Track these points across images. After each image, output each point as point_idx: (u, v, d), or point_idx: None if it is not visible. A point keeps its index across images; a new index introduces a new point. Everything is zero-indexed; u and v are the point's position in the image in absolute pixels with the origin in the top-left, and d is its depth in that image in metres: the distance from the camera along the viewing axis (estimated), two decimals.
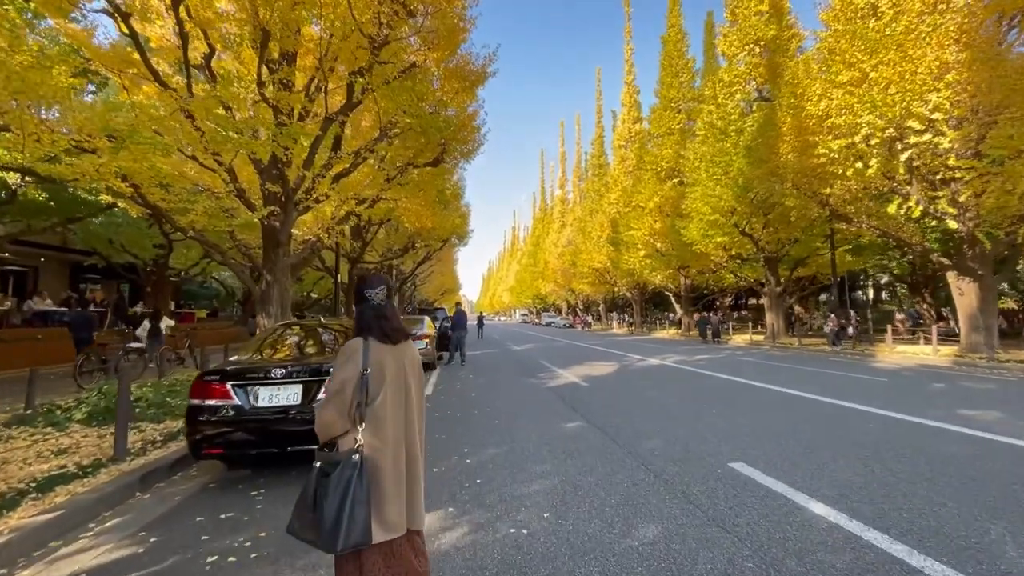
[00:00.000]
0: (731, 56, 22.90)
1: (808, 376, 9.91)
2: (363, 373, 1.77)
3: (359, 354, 1.80)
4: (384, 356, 1.82)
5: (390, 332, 1.86)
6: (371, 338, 1.84)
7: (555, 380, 9.80)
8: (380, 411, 1.78)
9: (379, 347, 1.82)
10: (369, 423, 1.77)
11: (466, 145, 12.05)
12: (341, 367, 1.81)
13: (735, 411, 6.40)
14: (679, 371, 11.07)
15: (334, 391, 1.78)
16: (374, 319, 1.87)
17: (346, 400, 1.77)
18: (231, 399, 3.89)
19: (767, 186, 16.54)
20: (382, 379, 1.79)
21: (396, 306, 1.98)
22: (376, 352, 1.81)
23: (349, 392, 1.76)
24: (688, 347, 19.48)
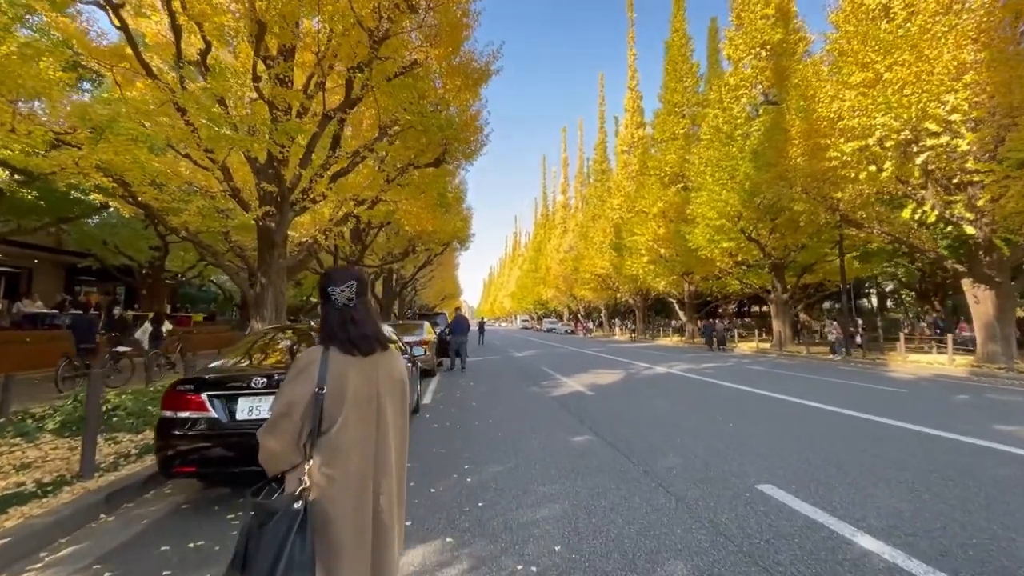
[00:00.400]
0: (737, 60, 22.64)
1: (823, 386, 9.49)
2: (317, 392, 1.39)
3: (314, 367, 1.43)
4: (347, 371, 1.45)
5: (357, 340, 1.48)
6: (333, 348, 1.47)
7: (559, 389, 9.40)
8: (339, 441, 1.40)
9: (342, 359, 1.45)
10: (323, 457, 1.39)
11: (468, 145, 11.71)
12: (290, 383, 1.44)
13: (752, 424, 6.00)
14: (687, 380, 10.66)
15: (279, 414, 1.41)
16: (338, 324, 1.50)
17: (295, 425, 1.40)
18: (206, 411, 3.50)
19: (775, 190, 16.19)
20: (342, 400, 1.42)
21: (370, 307, 1.61)
22: (338, 365, 1.44)
23: (297, 416, 1.39)
24: (694, 354, 19.06)
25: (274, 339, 4.74)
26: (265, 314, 10.15)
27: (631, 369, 13.04)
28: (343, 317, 1.50)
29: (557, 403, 7.74)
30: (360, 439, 1.42)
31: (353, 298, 1.52)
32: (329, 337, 1.48)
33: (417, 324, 12.56)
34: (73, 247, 16.39)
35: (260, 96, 8.51)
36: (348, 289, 1.52)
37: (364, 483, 1.41)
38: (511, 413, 6.95)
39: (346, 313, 1.50)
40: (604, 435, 5.53)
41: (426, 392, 9.02)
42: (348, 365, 1.45)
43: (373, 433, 1.45)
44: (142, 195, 9.38)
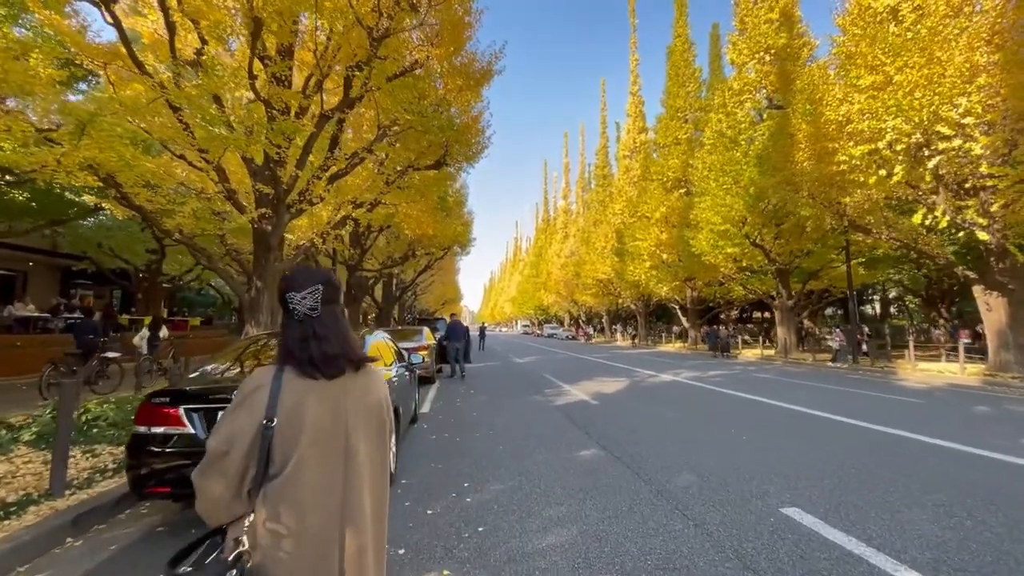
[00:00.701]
0: (740, 64, 22.46)
1: (834, 396, 9.19)
2: (264, 425, 1.10)
3: (262, 394, 1.13)
4: (305, 398, 1.15)
5: (319, 360, 1.17)
6: (289, 369, 1.18)
7: (562, 398, 9.09)
8: (292, 488, 1.10)
9: (299, 384, 1.16)
10: (269, 509, 1.09)
11: (469, 147, 11.46)
12: (230, 413, 1.15)
13: (768, 437, 5.70)
14: (695, 389, 10.35)
15: (216, 452, 1.11)
16: (297, 339, 1.19)
17: (236, 466, 1.11)
18: (183, 427, 3.21)
19: (781, 195, 15.93)
20: (296, 435, 1.12)
21: (341, 317, 1.29)
22: (293, 392, 1.14)
23: (238, 455, 1.10)
24: (698, 361, 18.74)
25: (266, 345, 4.46)
26: (261, 319, 9.88)
27: (635, 377, 12.73)
28: (303, 331, 1.20)
29: (561, 413, 7.43)
30: (321, 486, 1.12)
31: (317, 307, 1.21)
32: (285, 356, 1.19)
33: (416, 330, 12.27)
34: (68, 250, 16.12)
35: (256, 95, 8.29)
36: (311, 296, 1.21)
37: (326, 543, 1.11)
38: (513, 424, 6.65)
39: (308, 326, 1.20)
40: (612, 449, 5.23)
41: (425, 401, 8.73)
42: (307, 391, 1.16)
43: (339, 477, 1.14)
44: (135, 196, 9.17)
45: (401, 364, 5.86)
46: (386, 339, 5.64)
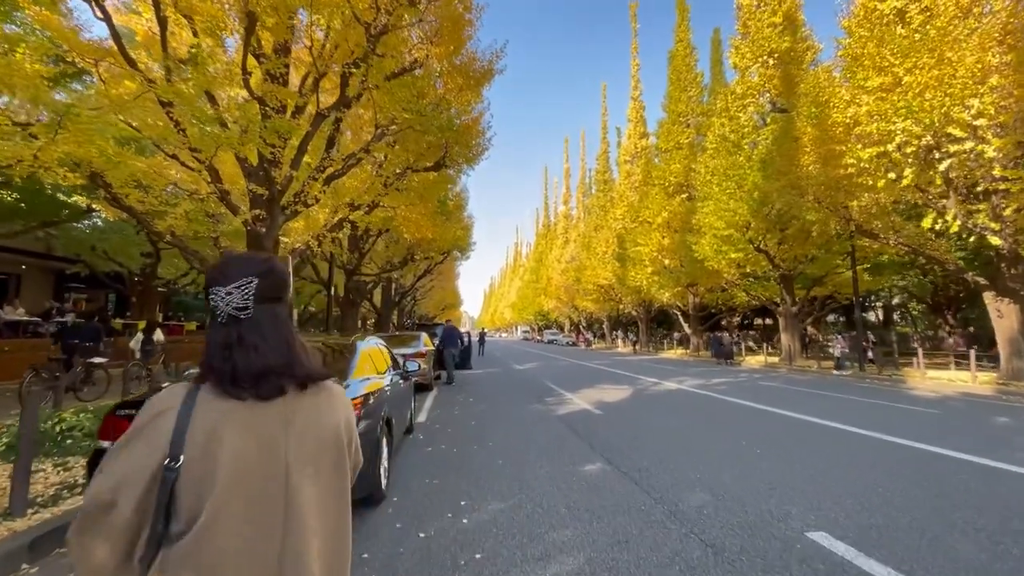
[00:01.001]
0: (743, 68, 22.30)
1: (847, 406, 8.88)
2: (166, 465, 0.80)
3: (165, 421, 0.83)
4: (224, 427, 0.84)
5: (246, 375, 0.87)
6: (207, 388, 0.88)
7: (564, 407, 8.78)
8: (202, 553, 0.79)
9: (218, 407, 0.86)
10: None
11: (470, 149, 11.22)
12: (119, 450, 0.84)
13: (783, 451, 5.39)
14: (701, 398, 10.04)
15: (99, 502, 0.81)
16: (219, 347, 0.89)
17: (125, 522, 0.80)
18: None
19: (786, 199, 15.68)
20: (210, 478, 0.81)
21: (283, 320, 0.96)
22: (209, 418, 0.84)
23: (128, 507, 0.80)
24: (701, 369, 18.41)
25: None
26: None
27: (638, 384, 12.42)
28: (227, 337, 0.89)
29: (563, 423, 7.12)
30: (244, 548, 0.81)
31: (248, 306, 0.90)
32: (204, 370, 0.89)
33: (414, 335, 11.96)
34: (61, 253, 15.85)
35: (250, 92, 8.05)
36: (240, 291, 0.89)
37: None
38: (513, 435, 6.34)
39: (233, 330, 0.89)
40: (618, 463, 4.92)
41: (421, 410, 8.42)
42: (228, 417, 0.85)
43: (273, 535, 0.83)
44: (126, 197, 8.92)
45: (396, 372, 5.56)
46: (380, 346, 5.35)
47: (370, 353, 4.47)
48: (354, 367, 3.76)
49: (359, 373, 3.79)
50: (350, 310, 19.34)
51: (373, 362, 4.38)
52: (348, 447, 0.96)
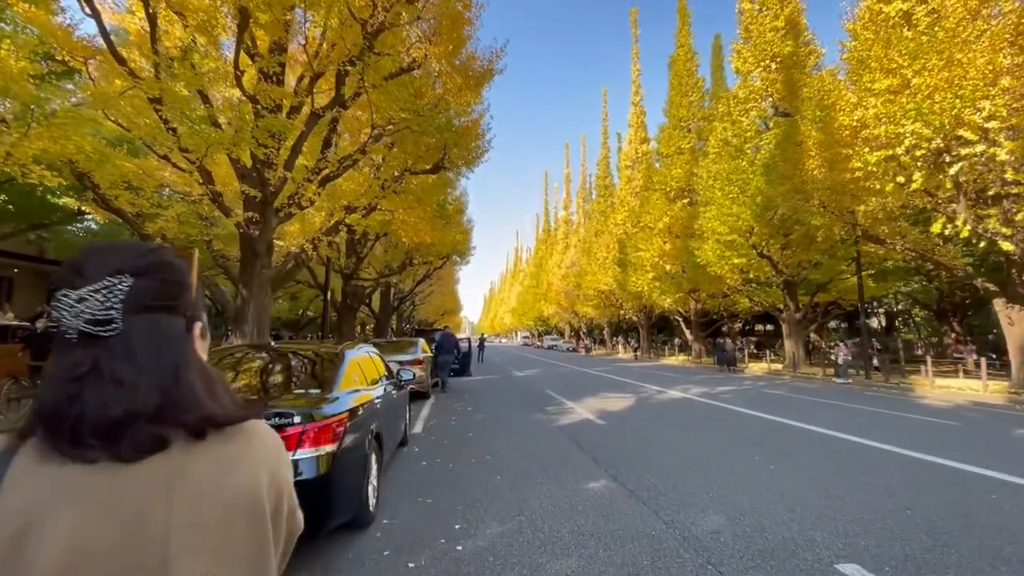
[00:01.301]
0: (745, 73, 22.13)
1: (859, 416, 8.57)
2: None
3: None
4: (52, 511, 0.53)
5: (93, 424, 0.56)
6: (32, 446, 0.57)
7: (565, 416, 8.47)
8: None
9: (46, 477, 0.55)
10: None
11: (469, 151, 10.98)
12: None
13: (798, 467, 5.09)
14: (707, 407, 9.73)
15: None
16: (61, 381, 0.57)
17: None
18: None
19: (790, 204, 15.43)
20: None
21: (183, 335, 0.65)
22: (26, 495, 0.54)
23: None
24: (704, 376, 18.10)
25: (240, 360, 3.89)
26: (246, 329, 9.34)
27: (642, 393, 12.11)
28: (74, 366, 0.58)
29: (565, 435, 6.82)
30: None
31: (114, 317, 0.59)
32: (32, 419, 0.59)
33: (411, 342, 11.66)
34: (54, 256, 15.57)
35: (241, 91, 7.81)
36: (101, 295, 0.58)
37: None
38: (513, 448, 6.04)
39: (85, 355, 0.58)
40: (625, 481, 4.62)
41: (417, 419, 8.11)
42: (61, 495, 0.55)
43: None
44: (115, 199, 8.68)
45: (389, 381, 5.27)
46: (372, 354, 5.06)
47: (360, 362, 4.18)
48: (341, 378, 3.47)
49: (346, 384, 3.50)
50: (348, 315, 19.06)
51: (363, 372, 4.09)
52: (276, 514, 0.66)
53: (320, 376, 3.54)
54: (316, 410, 2.88)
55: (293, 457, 2.67)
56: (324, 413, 2.89)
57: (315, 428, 2.78)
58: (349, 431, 3.09)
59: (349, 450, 3.07)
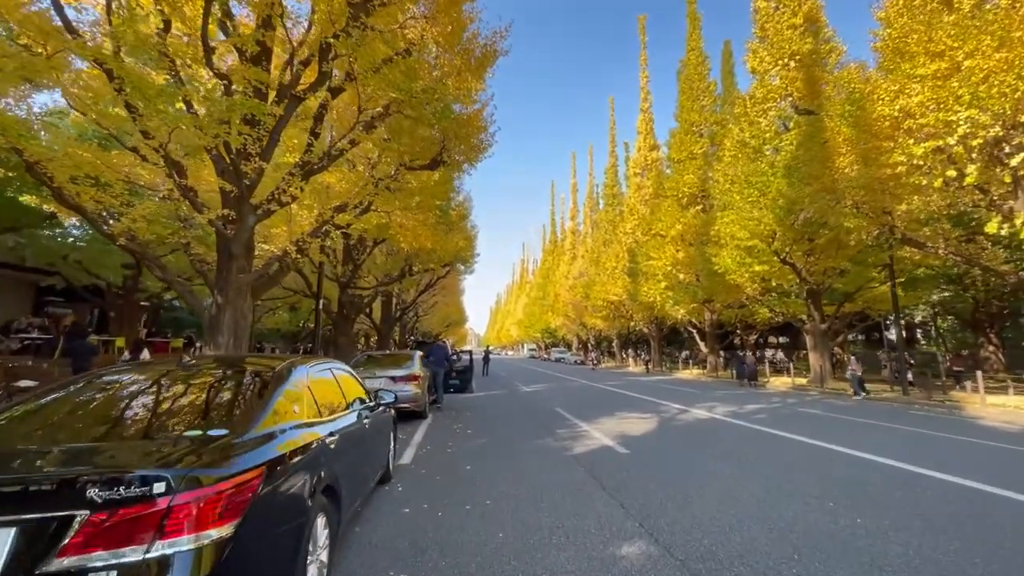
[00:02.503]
0: (762, 72, 21.14)
1: (922, 443, 7.35)
2: None
3: None
4: None
5: None
6: None
7: (581, 443, 7.31)
8: None
9: None
10: None
11: (471, 144, 9.98)
12: None
13: (895, 520, 3.91)
14: (741, 431, 8.52)
15: None
16: None
17: None
18: None
19: (820, 205, 14.27)
20: None
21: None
22: None
23: None
24: (725, 392, 16.81)
25: (122, 386, 2.80)
26: (220, 340, 8.29)
27: (663, 411, 10.89)
28: None
29: (583, 469, 5.66)
30: None
31: None
32: None
33: (407, 355, 10.54)
34: (32, 262, 14.69)
35: (210, 68, 6.87)
36: None
37: None
38: (519, 487, 4.89)
39: None
40: (668, 541, 3.47)
41: (408, 445, 6.98)
42: None
43: None
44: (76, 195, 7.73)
45: (364, 406, 4.19)
46: (340, 372, 3.98)
47: (314, 385, 3.09)
48: (269, 410, 2.38)
49: (278, 419, 2.41)
50: (345, 326, 18.03)
51: (316, 399, 3.00)
52: None
53: (239, 408, 2.46)
54: (204, 468, 1.79)
55: (144, 555, 1.58)
56: (217, 473, 1.80)
57: (196, 499, 1.69)
58: (266, 495, 2.00)
59: (264, 526, 1.97)
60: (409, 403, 9.03)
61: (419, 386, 9.32)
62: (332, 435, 2.92)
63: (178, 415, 2.35)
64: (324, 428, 2.85)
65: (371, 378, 9.15)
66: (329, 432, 2.89)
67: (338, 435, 3.05)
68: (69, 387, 2.63)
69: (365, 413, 4.13)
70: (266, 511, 2.00)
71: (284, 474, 2.18)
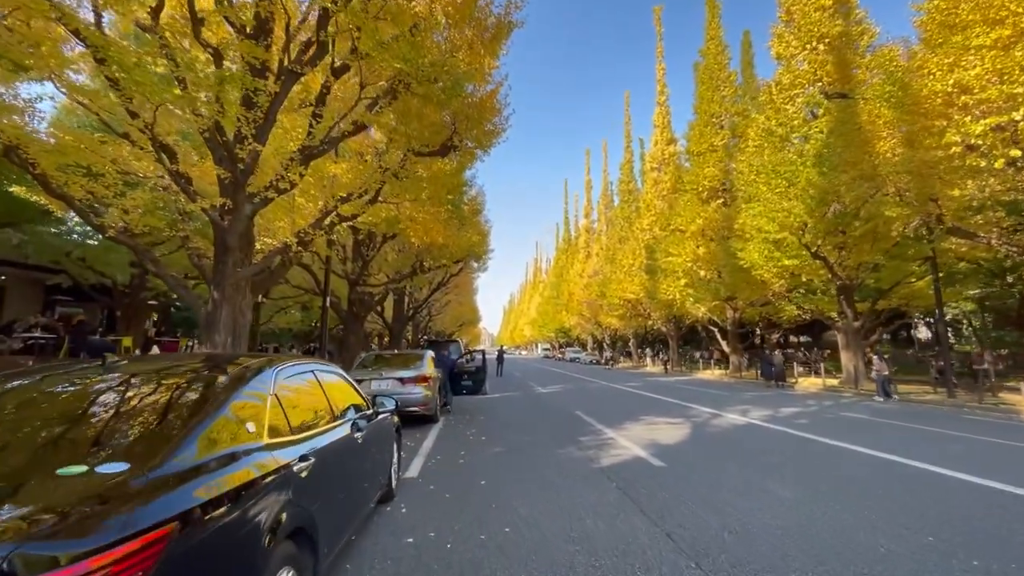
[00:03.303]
0: (788, 57, 20.11)
1: (1002, 454, 6.45)
2: None
3: None
4: None
5: None
6: None
7: (607, 452, 6.55)
8: None
9: None
10: None
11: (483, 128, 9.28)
12: None
13: (1002, 557, 3.10)
14: (787, 439, 7.67)
15: None
16: None
17: None
18: None
19: (858, 193, 13.28)
20: None
21: None
22: None
23: None
24: (754, 393, 15.86)
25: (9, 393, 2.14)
26: (217, 339, 7.71)
27: (693, 416, 10.06)
28: None
29: (615, 485, 4.90)
30: None
31: None
32: None
33: (417, 355, 9.82)
34: (34, 259, 14.35)
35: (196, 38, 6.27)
36: None
37: None
38: (543, 510, 4.16)
39: None
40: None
41: (416, 454, 6.29)
42: None
43: None
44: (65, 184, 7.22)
45: (360, 415, 3.52)
46: (327, 376, 3.30)
47: (281, 394, 2.39)
48: (199, 433, 1.68)
49: (214, 445, 1.71)
50: (354, 325, 17.47)
51: (284, 412, 2.31)
52: None
53: (158, 429, 1.76)
54: (63, 539, 1.10)
55: None
56: (85, 544, 1.11)
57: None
58: (181, 564, 1.30)
59: None
60: (418, 407, 8.37)
61: (429, 388, 8.63)
62: (307, 459, 2.23)
63: (68, 440, 1.66)
64: (294, 451, 2.16)
65: (377, 379, 8.50)
66: (302, 455, 2.20)
67: (318, 456, 2.36)
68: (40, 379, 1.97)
69: (361, 423, 3.45)
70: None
71: (216, 526, 1.48)
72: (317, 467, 2.32)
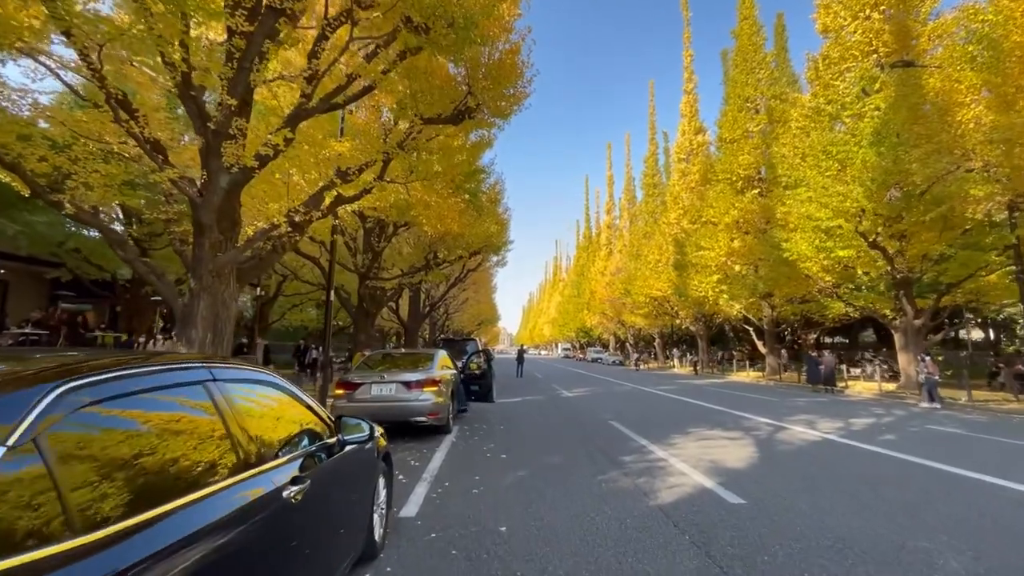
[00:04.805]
0: (837, 29, 18.27)
1: None
2: None
3: None
4: None
5: None
6: None
7: (662, 480, 5.14)
8: None
9: None
10: None
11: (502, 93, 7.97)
12: None
13: None
14: (887, 462, 6.14)
15: None
16: None
17: None
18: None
19: (934, 169, 11.52)
20: None
21: None
22: None
23: None
24: (805, 400, 14.18)
25: None
26: (193, 335, 6.56)
27: (751, 428, 8.54)
28: None
29: (688, 540, 3.51)
30: None
31: None
32: None
33: (427, 355, 8.50)
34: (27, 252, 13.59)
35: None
36: None
37: None
38: (587, 574, 2.81)
39: None
40: None
41: (418, 480, 4.98)
42: None
43: None
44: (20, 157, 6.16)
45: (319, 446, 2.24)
46: (255, 389, 2.01)
47: (69, 451, 1.09)
48: None
49: None
50: (364, 322, 16.36)
51: (98, 472, 1.01)
52: None
53: None
54: None
55: None
56: None
57: None
58: None
59: None
60: (426, 415, 7.08)
61: (440, 394, 7.32)
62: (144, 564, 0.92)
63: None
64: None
65: (378, 383, 7.24)
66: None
67: (187, 545, 1.06)
68: None
69: (321, 457, 2.19)
70: None
71: None
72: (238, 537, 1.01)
